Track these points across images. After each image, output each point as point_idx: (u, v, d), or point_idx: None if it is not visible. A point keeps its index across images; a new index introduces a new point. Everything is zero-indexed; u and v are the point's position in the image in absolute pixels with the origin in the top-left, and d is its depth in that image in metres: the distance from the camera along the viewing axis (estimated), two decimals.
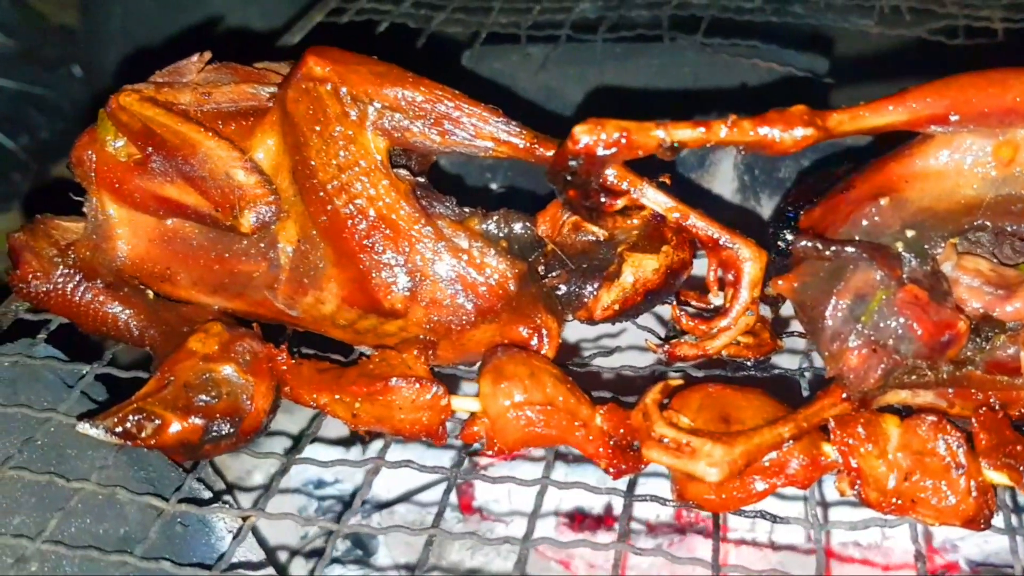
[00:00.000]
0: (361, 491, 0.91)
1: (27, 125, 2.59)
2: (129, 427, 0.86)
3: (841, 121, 0.81)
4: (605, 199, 0.86)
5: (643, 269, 0.96)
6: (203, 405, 0.88)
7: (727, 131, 0.80)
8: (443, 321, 0.94)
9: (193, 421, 0.87)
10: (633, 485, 0.90)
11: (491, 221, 0.97)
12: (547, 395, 0.87)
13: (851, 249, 0.83)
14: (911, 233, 0.85)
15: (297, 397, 0.92)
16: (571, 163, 0.82)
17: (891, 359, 0.83)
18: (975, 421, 0.83)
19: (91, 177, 0.99)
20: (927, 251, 0.85)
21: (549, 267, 0.98)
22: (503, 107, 0.93)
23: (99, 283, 1.00)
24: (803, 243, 0.84)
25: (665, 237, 0.97)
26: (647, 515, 1.37)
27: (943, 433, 0.81)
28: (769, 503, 0.86)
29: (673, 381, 0.88)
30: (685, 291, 1.01)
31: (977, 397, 0.86)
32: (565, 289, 0.97)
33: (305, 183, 0.93)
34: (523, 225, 0.98)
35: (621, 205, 0.87)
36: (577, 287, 0.97)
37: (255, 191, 0.93)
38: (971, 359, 0.85)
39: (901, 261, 0.84)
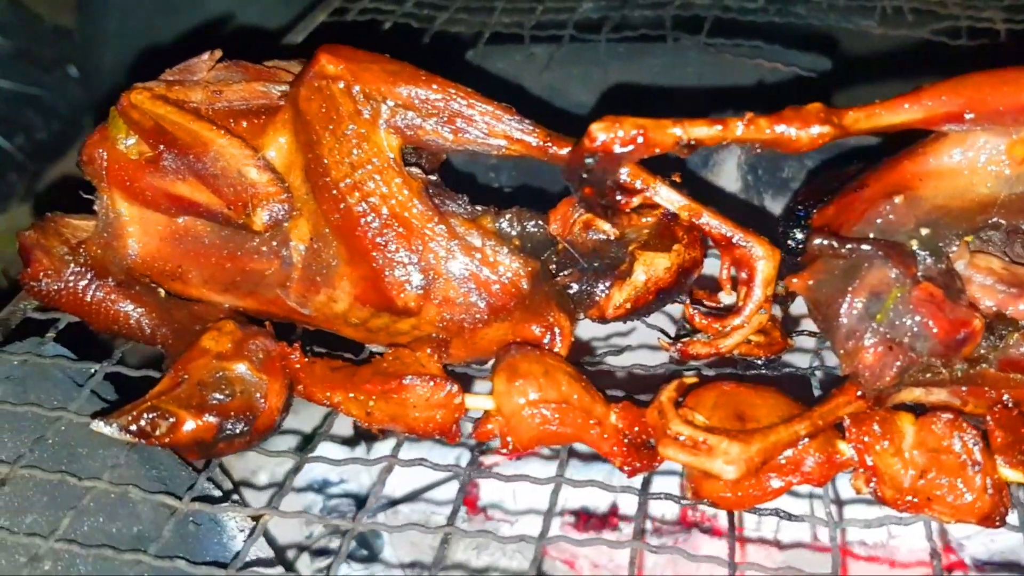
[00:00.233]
0: (375, 489, 0.91)
1: (23, 126, 2.59)
2: (143, 425, 0.85)
3: (857, 119, 0.81)
4: (621, 197, 0.86)
5: (655, 268, 0.96)
6: (217, 403, 0.88)
7: (744, 128, 0.80)
8: (456, 319, 0.93)
9: (207, 419, 0.87)
10: (647, 483, 0.90)
11: (504, 219, 0.97)
12: (562, 393, 0.87)
13: (867, 247, 0.83)
14: (925, 231, 0.85)
15: (310, 395, 0.92)
16: (587, 161, 0.82)
17: (907, 357, 0.83)
18: (990, 419, 0.84)
19: (102, 175, 0.99)
20: (941, 249, 0.85)
21: (560, 266, 0.98)
22: None
23: (110, 281, 1.00)
24: (819, 241, 0.84)
25: (676, 236, 0.97)
26: (653, 514, 1.37)
27: (959, 431, 0.81)
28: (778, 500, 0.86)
29: (688, 379, 0.88)
30: (696, 290, 1.01)
31: (991, 395, 0.87)
32: (577, 288, 0.97)
33: (317, 181, 0.93)
34: (535, 223, 0.97)
35: (637, 203, 0.87)
36: (589, 286, 0.97)
37: (267, 189, 0.93)
38: (985, 357, 0.86)
39: (916, 259, 0.84)
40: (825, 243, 0.84)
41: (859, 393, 0.85)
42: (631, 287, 0.96)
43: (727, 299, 0.98)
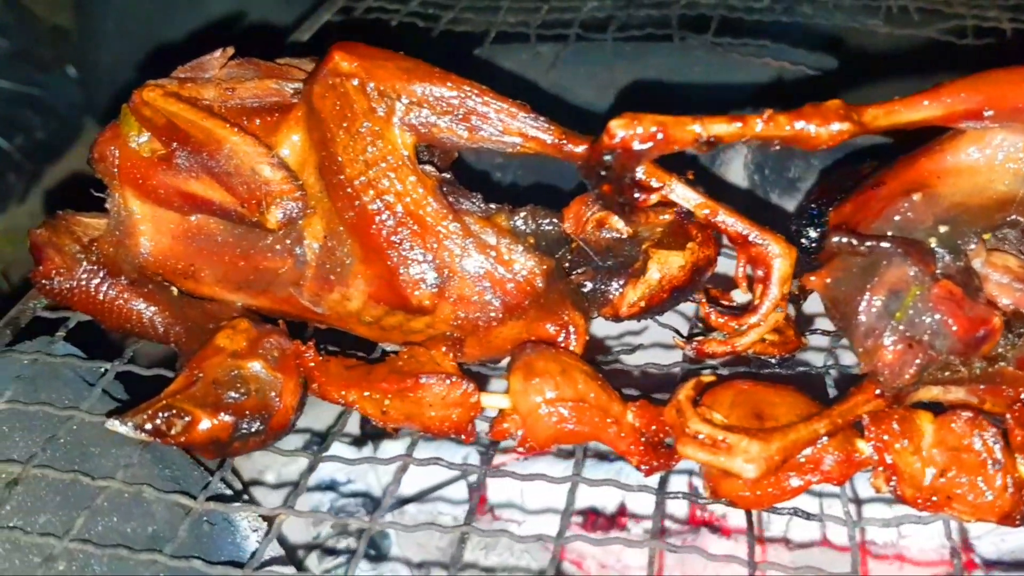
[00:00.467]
0: (390, 488, 0.90)
1: (22, 126, 2.59)
2: (159, 424, 0.85)
3: (876, 116, 0.81)
4: (639, 194, 0.85)
5: (669, 266, 0.96)
6: (232, 402, 0.87)
7: (763, 125, 0.80)
8: (470, 318, 0.93)
9: (223, 418, 0.86)
10: (664, 482, 0.90)
11: (518, 217, 0.96)
12: (578, 391, 0.87)
13: (886, 244, 0.83)
14: (944, 229, 0.85)
15: (325, 394, 0.92)
16: (606, 158, 0.81)
17: (926, 355, 0.83)
18: (1009, 417, 0.83)
19: (114, 173, 0.98)
20: (960, 247, 0.85)
21: (574, 264, 0.98)
22: None
23: (123, 280, 0.99)
24: (837, 238, 0.84)
25: (690, 234, 0.97)
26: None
27: (979, 429, 0.81)
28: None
29: (705, 377, 0.88)
30: (710, 289, 1.01)
31: (1008, 393, 0.86)
32: (591, 286, 0.97)
33: (332, 179, 0.92)
34: (550, 221, 0.97)
35: (655, 200, 0.86)
36: (602, 284, 0.97)
37: (281, 187, 0.92)
38: (1003, 355, 0.85)
39: (935, 257, 0.84)
40: (844, 240, 0.83)
41: (877, 391, 0.84)
42: (645, 285, 0.96)
43: (740, 298, 0.98)
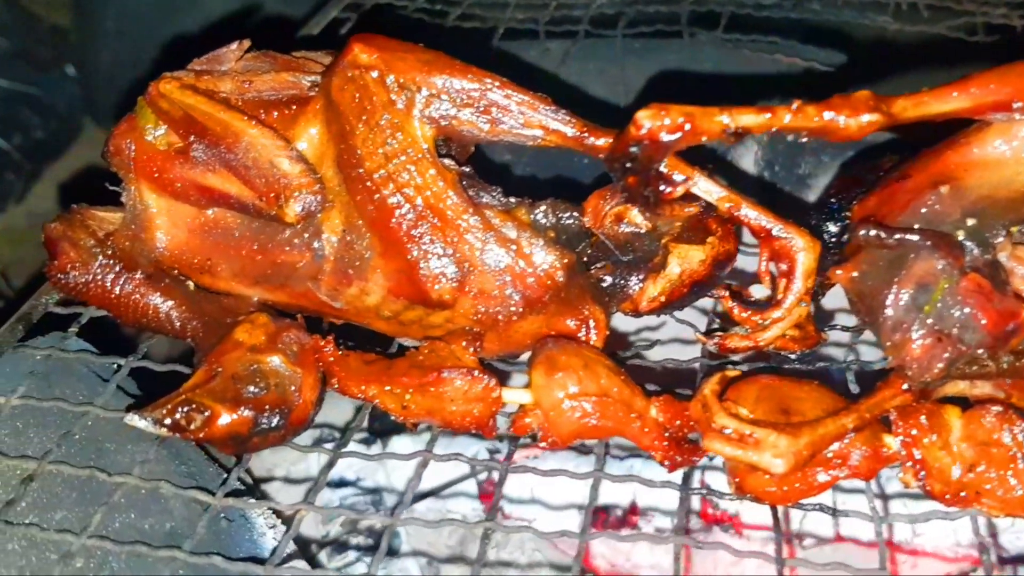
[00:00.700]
0: (411, 484, 0.89)
1: (21, 125, 2.58)
2: (178, 419, 0.84)
3: (905, 107, 0.80)
4: (665, 186, 0.85)
5: (689, 260, 0.95)
6: (252, 397, 0.86)
7: (791, 116, 0.79)
8: (491, 312, 0.92)
9: (242, 413, 0.85)
10: (688, 478, 0.89)
11: (539, 211, 0.95)
12: (602, 386, 0.86)
13: (915, 237, 0.82)
14: (972, 221, 0.84)
15: (345, 389, 0.91)
16: (632, 149, 0.81)
17: (955, 349, 0.82)
18: None
19: (129, 166, 0.97)
20: (988, 240, 0.84)
21: (593, 258, 0.97)
22: None
23: (139, 274, 0.98)
24: (865, 231, 0.83)
25: (709, 228, 0.96)
26: (672, 512, 1.36)
27: (1009, 423, 0.80)
28: None
29: (730, 372, 0.87)
30: (730, 284, 1.00)
31: None
32: (610, 281, 0.96)
33: (350, 172, 0.91)
34: (570, 215, 0.96)
35: (682, 192, 0.86)
36: (622, 279, 0.96)
37: (300, 180, 0.91)
38: None
39: (964, 249, 0.83)
40: (872, 233, 0.83)
41: (905, 386, 0.84)
42: (665, 280, 0.95)
43: (757, 293, 0.97)
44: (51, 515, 0.89)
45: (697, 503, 1.31)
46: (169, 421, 0.84)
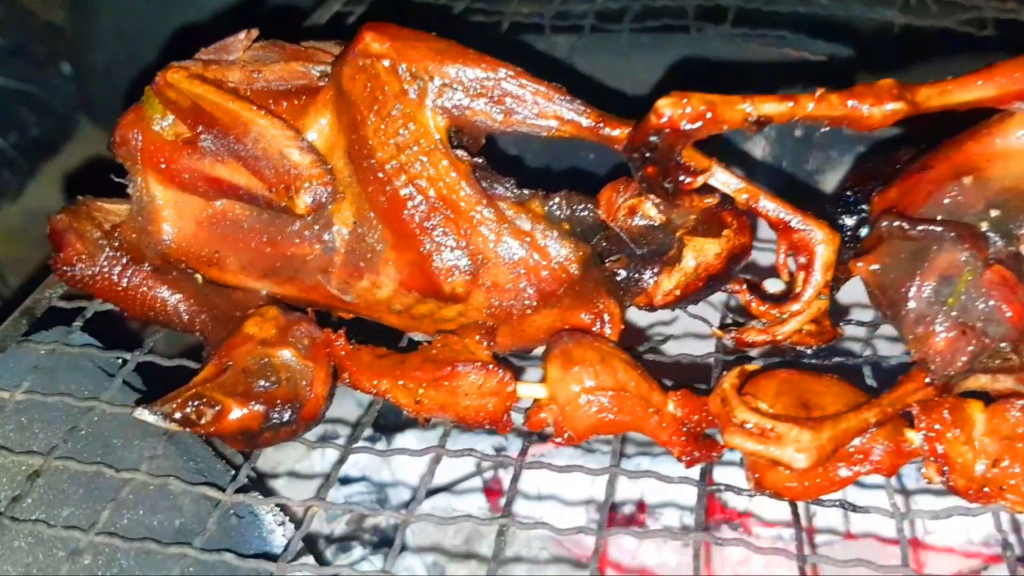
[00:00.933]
0: (424, 480, 0.88)
1: (17, 123, 2.57)
2: (188, 413, 0.82)
3: (929, 95, 0.79)
4: (684, 177, 0.83)
5: (704, 254, 0.94)
6: (262, 391, 0.85)
7: (814, 105, 0.78)
8: (504, 306, 0.91)
9: (253, 407, 0.84)
10: (706, 474, 0.88)
11: (553, 203, 0.94)
12: (618, 380, 0.85)
13: (939, 228, 0.80)
14: (995, 213, 0.83)
15: (356, 383, 0.89)
16: (651, 138, 0.79)
17: (979, 342, 0.81)
18: None
19: (136, 157, 0.95)
20: (1012, 231, 0.83)
21: (607, 252, 0.96)
22: None
23: (146, 267, 0.97)
24: (887, 223, 0.82)
25: (724, 221, 0.95)
26: (681, 508, 1.35)
27: None
28: None
29: (749, 367, 0.86)
30: (745, 277, 0.99)
31: None
32: (624, 274, 0.95)
33: (362, 163, 0.90)
34: (585, 207, 0.94)
35: (702, 182, 0.84)
36: (637, 272, 0.95)
37: (311, 171, 0.90)
38: None
39: (988, 241, 0.81)
40: (895, 225, 0.81)
41: (927, 380, 0.82)
42: (680, 273, 0.94)
43: (772, 288, 0.96)
44: (58, 512, 0.87)
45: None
46: (179, 415, 0.82)
